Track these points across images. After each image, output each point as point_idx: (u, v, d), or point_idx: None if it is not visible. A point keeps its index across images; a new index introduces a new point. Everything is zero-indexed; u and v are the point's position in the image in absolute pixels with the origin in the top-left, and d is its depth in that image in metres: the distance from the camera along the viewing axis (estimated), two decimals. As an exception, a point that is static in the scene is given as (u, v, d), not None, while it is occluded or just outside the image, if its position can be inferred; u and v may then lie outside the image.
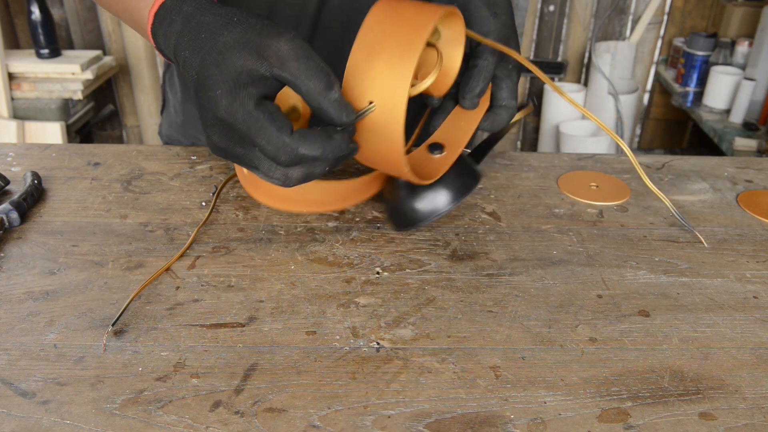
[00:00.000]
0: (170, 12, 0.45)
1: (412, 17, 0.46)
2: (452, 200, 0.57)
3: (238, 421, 0.40)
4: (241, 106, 0.40)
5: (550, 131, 2.39)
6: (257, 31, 0.41)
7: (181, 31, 0.44)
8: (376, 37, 0.46)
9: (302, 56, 0.41)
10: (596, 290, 0.53)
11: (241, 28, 0.41)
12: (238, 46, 0.41)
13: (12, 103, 1.96)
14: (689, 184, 0.70)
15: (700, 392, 0.43)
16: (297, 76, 0.41)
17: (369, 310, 0.50)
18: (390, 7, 0.47)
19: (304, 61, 0.41)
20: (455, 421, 0.41)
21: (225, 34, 0.41)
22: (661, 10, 2.33)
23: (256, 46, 0.41)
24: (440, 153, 0.58)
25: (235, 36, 0.41)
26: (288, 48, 0.41)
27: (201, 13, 0.44)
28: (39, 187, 0.64)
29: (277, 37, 0.41)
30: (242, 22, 0.42)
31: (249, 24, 0.42)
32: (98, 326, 0.48)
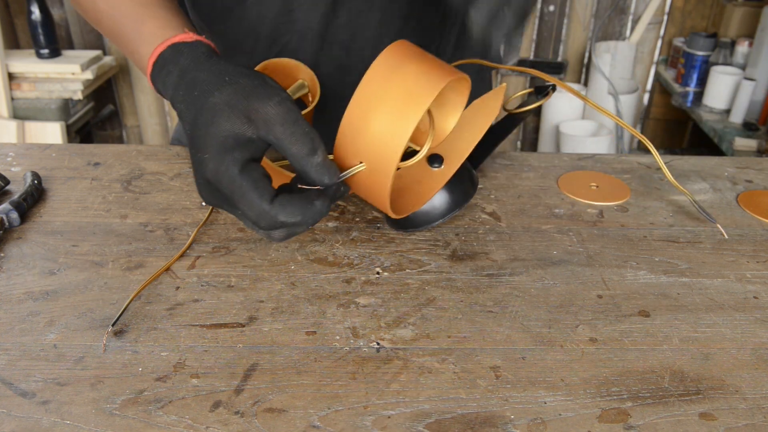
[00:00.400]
0: (167, 63, 0.47)
1: (415, 81, 0.44)
2: (448, 211, 0.58)
3: (238, 421, 0.40)
4: (226, 171, 0.41)
5: (550, 131, 2.39)
6: (246, 93, 0.42)
7: (176, 84, 0.46)
8: (375, 95, 0.44)
9: (288, 121, 0.42)
10: (596, 290, 0.53)
11: (231, 90, 0.43)
12: (227, 108, 0.42)
13: (12, 103, 1.96)
14: (689, 184, 0.70)
15: (701, 392, 0.43)
16: (282, 140, 0.42)
17: (369, 311, 0.50)
18: (395, 63, 0.45)
19: (290, 126, 0.42)
20: (455, 421, 0.41)
21: (216, 94, 0.43)
22: (661, 10, 2.33)
23: (245, 109, 0.42)
24: (439, 166, 0.57)
25: (224, 97, 0.42)
26: (275, 112, 0.42)
27: (196, 68, 0.45)
28: (39, 187, 0.64)
29: (265, 101, 0.42)
30: (233, 82, 0.43)
31: (239, 85, 0.43)
32: (98, 326, 0.48)
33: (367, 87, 0.45)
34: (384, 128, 0.44)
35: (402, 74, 0.44)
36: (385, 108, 0.44)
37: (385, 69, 0.45)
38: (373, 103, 0.44)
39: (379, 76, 0.45)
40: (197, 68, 0.45)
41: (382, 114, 0.44)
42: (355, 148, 0.45)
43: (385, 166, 0.45)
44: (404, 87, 0.44)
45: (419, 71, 0.45)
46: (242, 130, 0.42)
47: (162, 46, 0.48)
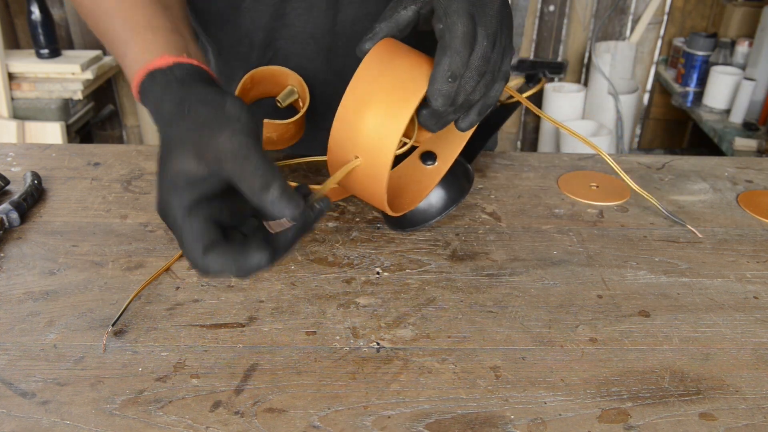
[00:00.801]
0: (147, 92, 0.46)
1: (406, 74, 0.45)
2: (445, 208, 0.58)
3: (238, 421, 0.40)
4: (171, 214, 0.41)
5: (550, 131, 2.39)
6: (199, 126, 0.41)
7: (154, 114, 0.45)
8: (368, 89, 0.45)
9: (239, 156, 0.39)
10: (596, 290, 0.53)
11: (185, 124, 0.41)
12: (180, 144, 0.41)
13: (12, 103, 1.96)
14: (689, 184, 0.70)
15: (701, 392, 0.43)
16: (234, 176, 0.40)
17: (369, 311, 0.50)
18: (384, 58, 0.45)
19: (240, 162, 0.39)
20: (455, 421, 0.41)
21: (172, 127, 0.41)
22: (661, 10, 2.33)
23: (196, 145, 0.40)
24: (433, 164, 0.57)
25: (179, 132, 0.41)
26: (224, 148, 0.40)
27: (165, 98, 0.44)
28: (39, 187, 0.64)
29: (217, 134, 0.40)
30: (191, 112, 0.41)
31: (196, 116, 0.41)
32: (98, 326, 0.48)
33: (360, 82, 0.45)
34: (378, 121, 0.44)
35: (393, 68, 0.45)
36: (378, 101, 0.44)
37: (377, 64, 0.45)
38: (367, 97, 0.45)
39: (371, 71, 0.45)
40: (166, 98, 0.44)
41: (376, 107, 0.44)
42: (351, 144, 0.46)
43: (381, 159, 0.45)
44: (396, 80, 0.44)
45: (410, 64, 0.45)
46: (192, 168, 0.40)
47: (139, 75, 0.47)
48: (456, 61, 0.44)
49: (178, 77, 0.45)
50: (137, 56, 0.48)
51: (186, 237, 0.40)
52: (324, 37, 0.66)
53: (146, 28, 0.50)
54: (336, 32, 0.65)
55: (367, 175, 0.47)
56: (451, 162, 0.57)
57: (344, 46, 0.66)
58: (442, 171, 0.57)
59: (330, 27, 0.65)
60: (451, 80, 0.44)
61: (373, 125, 0.45)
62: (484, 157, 0.75)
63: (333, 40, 0.66)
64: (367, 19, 0.65)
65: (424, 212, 0.58)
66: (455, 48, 0.44)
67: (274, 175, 0.39)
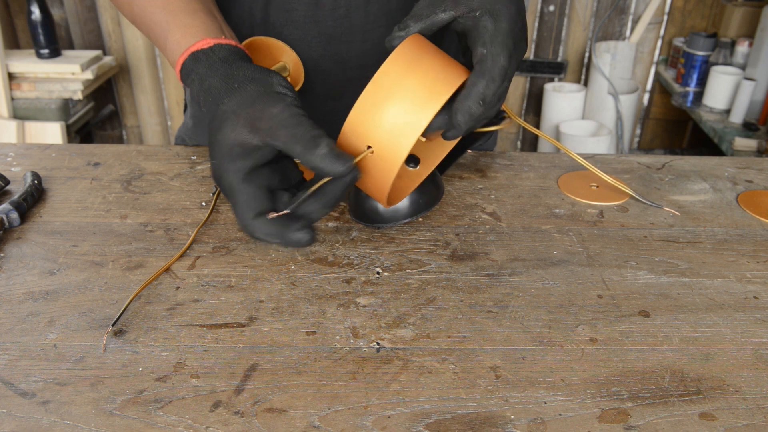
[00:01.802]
0: (190, 72, 0.49)
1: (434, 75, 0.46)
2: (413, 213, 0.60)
3: (238, 421, 0.40)
4: (227, 179, 0.44)
5: (550, 131, 2.39)
6: (251, 100, 0.44)
7: (198, 91, 0.48)
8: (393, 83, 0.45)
9: (291, 124, 0.43)
10: (596, 290, 0.53)
11: (237, 97, 0.44)
12: (233, 117, 0.44)
13: (12, 103, 1.96)
14: (689, 184, 0.70)
15: (701, 392, 0.43)
16: (287, 143, 0.43)
17: (369, 311, 0.50)
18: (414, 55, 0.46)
19: (291, 129, 0.43)
20: (455, 421, 0.41)
21: (225, 101, 0.45)
22: (661, 10, 2.33)
23: (249, 117, 0.43)
24: (415, 167, 0.59)
25: (231, 106, 0.44)
26: (278, 119, 0.43)
27: (210, 75, 0.47)
28: (39, 187, 0.64)
29: (270, 107, 0.44)
30: (240, 88, 0.45)
31: (246, 92, 0.45)
32: (98, 326, 0.48)
33: (387, 74, 0.46)
34: (400, 116, 0.45)
35: (422, 66, 0.46)
36: (402, 97, 0.45)
37: (406, 58, 0.46)
38: (392, 90, 0.45)
39: (399, 65, 0.46)
40: (212, 75, 0.47)
41: (401, 102, 0.45)
42: (366, 134, 0.46)
43: (395, 153, 0.46)
44: (425, 78, 0.46)
45: (439, 66, 0.47)
46: (247, 138, 0.43)
47: (183, 57, 0.50)
48: (491, 88, 0.47)
49: (221, 57, 0.49)
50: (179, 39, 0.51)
51: (239, 201, 0.44)
52: (325, 23, 0.66)
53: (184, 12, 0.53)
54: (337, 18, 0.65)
55: (376, 167, 0.47)
56: (433, 167, 0.59)
57: (346, 33, 0.66)
58: (423, 174, 0.59)
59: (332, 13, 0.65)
60: (481, 103, 0.47)
61: (394, 120, 0.45)
62: (484, 157, 0.75)
63: (335, 27, 0.66)
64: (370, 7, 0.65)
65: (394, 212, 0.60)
66: (493, 77, 0.47)
67: (323, 136, 0.43)
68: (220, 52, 0.49)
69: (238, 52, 0.50)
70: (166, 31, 0.53)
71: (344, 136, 0.48)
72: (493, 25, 0.47)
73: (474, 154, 0.76)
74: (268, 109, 0.43)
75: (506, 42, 0.47)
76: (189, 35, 0.51)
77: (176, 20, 0.53)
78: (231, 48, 0.50)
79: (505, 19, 0.47)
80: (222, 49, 0.49)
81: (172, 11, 0.54)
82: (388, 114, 0.45)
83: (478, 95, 0.47)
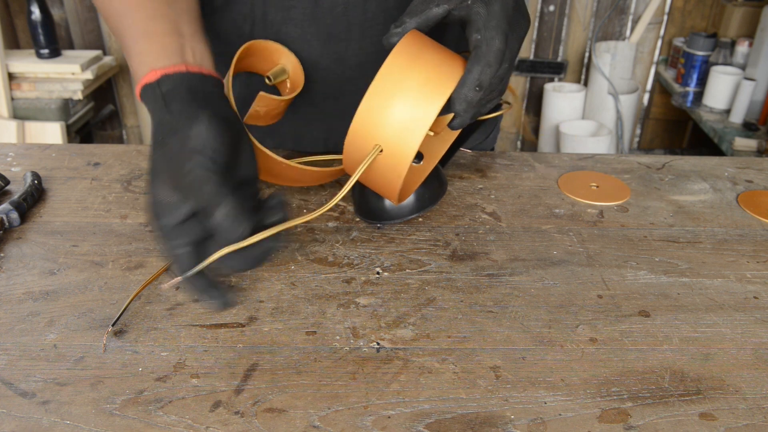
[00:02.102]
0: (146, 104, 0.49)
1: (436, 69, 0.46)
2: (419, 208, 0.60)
3: (238, 421, 0.40)
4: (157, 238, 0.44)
5: (550, 131, 2.39)
6: (169, 158, 0.44)
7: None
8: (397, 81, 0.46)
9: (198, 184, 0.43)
10: (596, 290, 0.53)
11: (160, 152, 0.45)
12: (155, 175, 0.45)
13: (12, 103, 1.96)
14: (689, 184, 0.70)
15: (701, 392, 0.43)
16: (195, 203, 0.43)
17: (369, 311, 0.50)
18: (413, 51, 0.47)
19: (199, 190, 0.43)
20: (455, 421, 0.41)
21: (152, 156, 0.45)
22: (661, 10, 2.33)
23: (168, 176, 0.44)
24: (418, 162, 0.60)
25: (155, 162, 0.45)
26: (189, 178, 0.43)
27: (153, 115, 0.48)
28: (39, 187, 0.64)
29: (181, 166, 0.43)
30: (164, 141, 0.45)
31: (166, 148, 0.45)
32: (98, 326, 0.48)
33: (389, 72, 0.46)
34: (407, 113, 0.46)
35: (423, 61, 0.46)
36: (407, 94, 0.46)
37: (405, 58, 0.46)
38: (396, 88, 0.46)
39: (400, 65, 0.46)
40: (153, 116, 0.48)
41: (406, 99, 0.46)
42: (374, 134, 0.47)
43: (405, 150, 0.46)
44: (428, 73, 0.46)
45: (440, 59, 0.47)
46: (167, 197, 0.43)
47: (137, 90, 0.50)
48: (487, 73, 0.47)
49: (164, 92, 0.48)
50: (135, 68, 0.51)
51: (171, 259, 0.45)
52: (324, 20, 0.66)
53: (143, 36, 0.52)
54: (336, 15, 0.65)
55: (385, 165, 0.48)
56: (436, 161, 0.60)
57: (344, 31, 0.66)
58: (427, 169, 0.60)
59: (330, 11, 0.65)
60: (478, 89, 0.47)
61: (401, 117, 0.46)
62: (484, 157, 0.75)
63: (333, 25, 0.66)
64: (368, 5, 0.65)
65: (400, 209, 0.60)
66: (489, 61, 0.47)
67: (225, 194, 0.42)
68: (164, 84, 0.48)
69: (186, 80, 0.49)
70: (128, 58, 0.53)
71: (352, 138, 0.48)
72: (486, 9, 0.47)
73: (474, 154, 0.76)
74: (180, 168, 0.43)
75: (500, 25, 0.47)
76: (142, 64, 0.50)
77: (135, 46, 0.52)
78: (177, 77, 0.48)
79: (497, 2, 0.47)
80: (167, 80, 0.48)
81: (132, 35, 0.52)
82: (395, 112, 0.46)
83: (474, 82, 0.47)
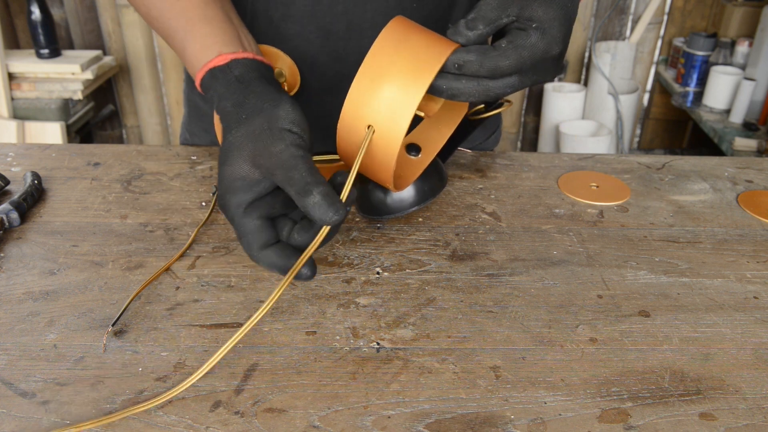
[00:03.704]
0: (208, 89, 0.51)
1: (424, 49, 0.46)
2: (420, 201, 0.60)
3: (238, 421, 0.40)
4: (229, 212, 0.46)
5: (550, 131, 2.39)
6: (256, 135, 0.45)
7: (216, 108, 0.49)
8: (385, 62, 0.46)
9: (287, 166, 0.44)
10: (596, 290, 0.53)
11: (243, 130, 0.46)
12: (237, 150, 0.45)
13: (12, 103, 1.96)
14: (689, 184, 0.70)
15: (701, 392, 0.43)
16: (283, 183, 0.44)
17: (369, 311, 0.50)
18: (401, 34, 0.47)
19: (288, 171, 0.44)
20: (455, 421, 0.41)
21: (233, 132, 0.46)
22: (661, 10, 2.33)
23: (252, 152, 0.45)
24: (417, 155, 0.60)
25: (238, 138, 0.46)
26: (278, 159, 0.44)
27: (225, 96, 0.49)
28: (39, 187, 0.64)
29: (270, 146, 0.45)
30: (247, 120, 0.46)
31: (252, 125, 0.46)
32: (98, 326, 0.48)
33: (376, 55, 0.47)
34: (395, 93, 0.46)
35: (410, 43, 0.47)
36: (395, 74, 0.46)
37: (393, 39, 0.47)
38: (384, 69, 0.46)
39: (388, 46, 0.47)
40: (226, 96, 0.48)
41: (394, 80, 0.46)
42: (365, 114, 0.47)
43: (395, 130, 0.47)
44: (414, 54, 0.46)
45: (427, 40, 0.47)
46: (248, 173, 0.45)
47: (201, 73, 0.51)
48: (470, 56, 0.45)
49: (236, 75, 0.49)
50: (197, 52, 0.52)
51: (242, 235, 0.46)
52: (324, 18, 0.66)
53: (202, 21, 0.53)
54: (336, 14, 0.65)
55: (378, 147, 0.48)
56: (433, 155, 0.60)
57: (344, 30, 0.66)
58: (425, 162, 0.60)
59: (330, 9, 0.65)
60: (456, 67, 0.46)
61: (390, 97, 0.46)
62: (484, 156, 0.75)
63: (333, 23, 0.66)
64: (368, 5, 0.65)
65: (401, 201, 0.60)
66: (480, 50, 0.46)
67: (317, 182, 0.44)
68: (236, 68, 0.50)
69: (255, 66, 0.51)
70: (183, 41, 0.54)
71: (344, 118, 0.48)
72: (535, 40, 0.46)
73: (474, 154, 0.76)
74: (269, 147, 0.44)
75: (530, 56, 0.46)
76: (206, 48, 0.51)
77: (193, 30, 0.53)
78: (247, 63, 0.50)
79: (546, 40, 0.46)
80: (238, 65, 0.50)
81: (190, 18, 0.54)
82: (384, 91, 0.46)
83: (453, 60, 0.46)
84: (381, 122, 0.47)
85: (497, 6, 0.46)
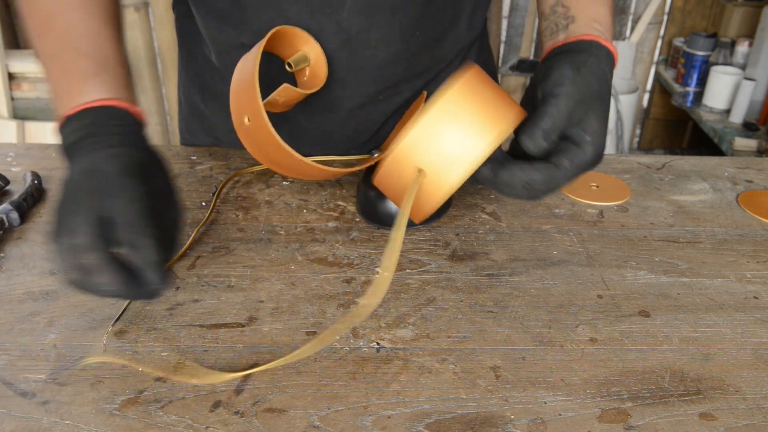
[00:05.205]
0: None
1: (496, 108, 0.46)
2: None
3: (238, 421, 0.40)
4: None
5: (550, 131, 2.38)
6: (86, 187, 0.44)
7: None
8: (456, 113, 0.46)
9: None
10: (596, 290, 0.53)
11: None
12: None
13: (12, 103, 1.96)
14: (689, 184, 0.70)
15: (701, 392, 0.43)
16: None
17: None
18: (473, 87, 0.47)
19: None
20: (455, 421, 0.41)
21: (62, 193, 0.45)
22: (661, 10, 2.33)
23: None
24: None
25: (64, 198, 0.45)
26: None
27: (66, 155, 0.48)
28: (39, 187, 0.64)
29: None
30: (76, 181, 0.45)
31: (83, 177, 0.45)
32: (98, 326, 0.48)
33: (447, 104, 0.46)
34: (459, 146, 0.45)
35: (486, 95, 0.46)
36: (464, 126, 0.45)
37: (464, 92, 0.46)
38: (454, 118, 0.45)
39: (459, 97, 0.46)
40: (66, 156, 0.48)
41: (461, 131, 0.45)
42: (420, 159, 0.46)
43: (449, 179, 0.46)
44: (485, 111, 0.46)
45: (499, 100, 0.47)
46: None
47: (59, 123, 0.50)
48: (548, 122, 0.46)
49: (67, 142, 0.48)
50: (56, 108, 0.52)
51: None
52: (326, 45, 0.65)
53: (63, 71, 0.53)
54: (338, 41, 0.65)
55: (422, 190, 0.47)
56: None
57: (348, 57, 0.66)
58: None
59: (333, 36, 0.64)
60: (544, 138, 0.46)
61: (452, 147, 0.45)
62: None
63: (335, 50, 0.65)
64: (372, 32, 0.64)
65: None
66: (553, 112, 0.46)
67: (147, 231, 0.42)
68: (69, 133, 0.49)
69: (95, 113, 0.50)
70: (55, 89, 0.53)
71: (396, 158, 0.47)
72: (590, 156, 0.47)
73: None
74: None
75: (584, 171, 0.48)
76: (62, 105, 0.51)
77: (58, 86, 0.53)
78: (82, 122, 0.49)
79: (596, 152, 0.47)
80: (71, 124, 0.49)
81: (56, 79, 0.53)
82: (448, 141, 0.45)
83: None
84: (436, 169, 0.46)
85: (567, 116, 0.47)
